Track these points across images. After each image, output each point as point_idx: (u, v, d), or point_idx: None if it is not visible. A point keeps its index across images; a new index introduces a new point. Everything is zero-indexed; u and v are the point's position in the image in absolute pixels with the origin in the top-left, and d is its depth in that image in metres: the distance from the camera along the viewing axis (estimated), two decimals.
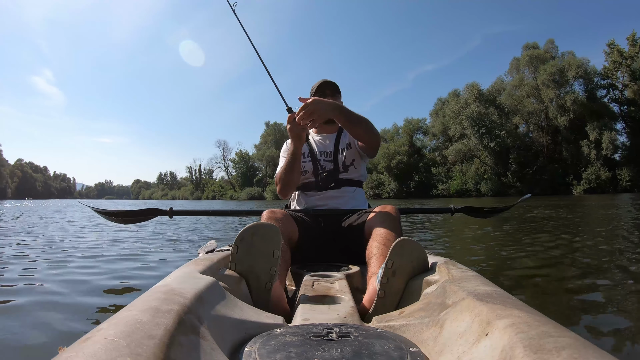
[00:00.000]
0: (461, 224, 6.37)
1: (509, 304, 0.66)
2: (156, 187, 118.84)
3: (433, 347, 0.71)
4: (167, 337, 0.52)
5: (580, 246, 3.53)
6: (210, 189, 73.40)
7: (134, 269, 2.52)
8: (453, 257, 2.92)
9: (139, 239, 4.13)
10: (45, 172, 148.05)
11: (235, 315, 0.77)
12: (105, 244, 3.67)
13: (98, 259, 2.86)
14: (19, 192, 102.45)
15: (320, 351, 0.64)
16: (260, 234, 1.01)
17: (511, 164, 36.63)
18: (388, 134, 48.21)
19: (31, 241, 3.88)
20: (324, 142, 1.89)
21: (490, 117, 36.41)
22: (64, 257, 2.89)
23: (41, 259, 2.80)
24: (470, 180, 37.69)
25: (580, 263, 2.73)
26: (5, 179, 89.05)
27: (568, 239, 4.06)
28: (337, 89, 1.88)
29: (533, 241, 3.99)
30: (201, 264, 1.01)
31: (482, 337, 0.60)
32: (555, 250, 3.38)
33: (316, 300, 1.03)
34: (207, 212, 2.33)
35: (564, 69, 34.55)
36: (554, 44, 37.68)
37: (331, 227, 1.67)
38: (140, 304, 0.61)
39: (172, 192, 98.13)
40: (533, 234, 4.66)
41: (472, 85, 38.35)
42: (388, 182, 43.51)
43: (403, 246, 1.03)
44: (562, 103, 34.66)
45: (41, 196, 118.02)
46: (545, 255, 3.11)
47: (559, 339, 0.50)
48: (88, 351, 0.45)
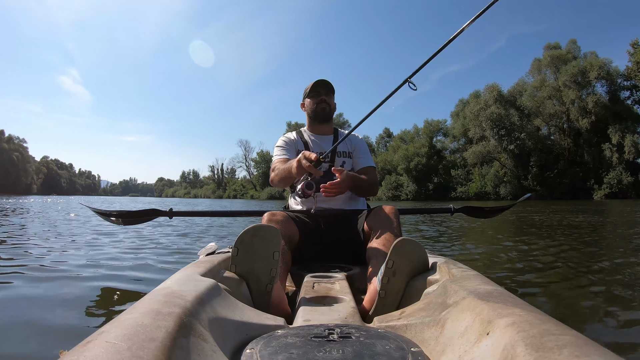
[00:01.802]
0: (461, 224, 6.38)
1: (510, 303, 0.66)
2: (179, 186, 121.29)
3: (434, 346, 0.71)
4: (169, 340, 0.52)
5: (584, 248, 3.53)
6: (231, 188, 74.09)
7: (134, 272, 2.52)
8: (453, 256, 2.93)
9: (139, 240, 4.12)
10: (71, 169, 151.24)
11: (236, 317, 0.77)
12: (105, 246, 3.66)
13: (98, 261, 2.85)
14: (44, 188, 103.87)
15: (322, 352, 0.64)
16: (260, 235, 1.01)
17: (532, 167, 35.51)
18: (408, 135, 47.76)
19: (31, 241, 3.87)
20: (320, 143, 1.90)
21: (510, 119, 35.32)
22: (64, 259, 2.88)
23: (41, 260, 2.79)
24: (490, 183, 36.84)
25: (581, 263, 2.73)
26: (31, 176, 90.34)
27: (572, 241, 4.07)
28: (331, 88, 1.89)
29: (534, 242, 3.99)
30: (202, 266, 1.01)
31: (483, 336, 0.60)
32: (557, 250, 3.38)
33: (317, 301, 1.03)
34: (206, 212, 2.33)
35: (585, 69, 33.15)
36: (576, 44, 36.38)
37: (331, 228, 1.67)
38: (142, 307, 0.61)
39: (194, 191, 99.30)
40: (535, 236, 4.67)
41: (492, 87, 37.14)
42: (407, 183, 42.80)
43: (403, 246, 1.03)
44: (584, 105, 33.50)
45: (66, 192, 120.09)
46: (546, 256, 3.12)
47: (560, 337, 0.50)
48: (89, 354, 0.45)
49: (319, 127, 1.92)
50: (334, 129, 1.97)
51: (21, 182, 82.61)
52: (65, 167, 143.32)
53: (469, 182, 39.56)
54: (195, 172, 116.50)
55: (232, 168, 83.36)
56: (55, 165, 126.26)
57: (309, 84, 1.89)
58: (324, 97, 1.85)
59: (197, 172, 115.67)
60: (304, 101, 1.92)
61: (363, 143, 1.97)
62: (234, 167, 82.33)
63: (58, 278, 2.30)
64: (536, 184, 34.69)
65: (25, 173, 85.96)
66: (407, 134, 48.37)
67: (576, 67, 33.47)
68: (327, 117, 1.89)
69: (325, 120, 1.89)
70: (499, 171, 37.53)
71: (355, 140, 1.95)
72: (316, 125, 1.91)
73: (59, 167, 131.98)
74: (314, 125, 1.92)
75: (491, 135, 36.04)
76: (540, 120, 36.92)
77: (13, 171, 79.10)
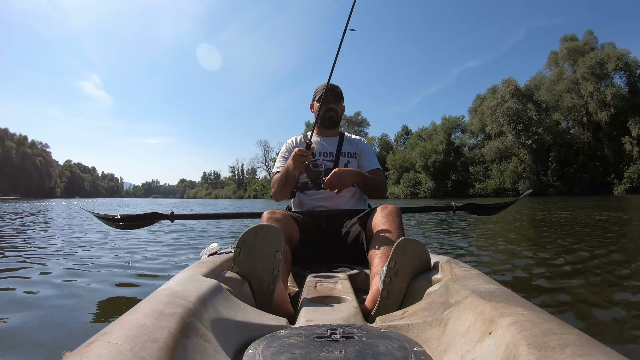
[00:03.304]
0: (463, 222, 6.36)
1: (512, 302, 0.66)
2: (200, 187, 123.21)
3: (437, 346, 0.71)
4: (171, 341, 0.52)
5: (592, 246, 3.52)
6: (252, 188, 74.67)
7: (137, 273, 2.53)
8: (455, 256, 2.93)
9: (141, 242, 4.13)
10: (94, 172, 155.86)
11: (239, 318, 0.77)
12: (107, 248, 3.68)
13: (100, 262, 2.87)
14: (67, 191, 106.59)
15: (324, 352, 0.64)
16: (261, 235, 1.01)
17: (551, 162, 34.54)
18: (426, 133, 47.32)
19: (31, 243, 3.89)
20: (325, 144, 1.92)
21: (528, 114, 34.28)
22: (65, 261, 2.89)
23: (42, 262, 2.80)
24: (508, 179, 36.09)
25: (587, 262, 2.72)
26: (54, 179, 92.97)
27: (580, 239, 4.06)
28: (341, 95, 1.93)
29: (540, 240, 3.98)
30: (204, 266, 1.01)
31: (485, 335, 0.60)
32: (563, 249, 3.37)
33: (319, 301, 1.03)
34: (207, 215, 2.38)
35: (603, 61, 32.11)
36: (593, 35, 35.04)
37: (332, 228, 1.67)
38: (144, 308, 0.62)
39: (215, 192, 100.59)
40: (541, 234, 4.65)
41: (508, 81, 36.16)
42: (425, 181, 42.52)
43: (405, 246, 1.02)
44: (603, 97, 32.38)
45: (89, 195, 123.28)
46: (551, 254, 3.11)
47: (563, 336, 0.50)
48: (92, 355, 0.45)
49: (325, 130, 1.98)
50: (339, 132, 2.02)
51: (44, 186, 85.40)
52: (88, 170, 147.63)
53: (488, 179, 38.86)
54: (216, 173, 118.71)
55: (252, 168, 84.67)
56: (78, 169, 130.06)
57: (320, 87, 1.92)
58: (333, 106, 1.90)
59: (218, 173, 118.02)
60: (313, 102, 1.96)
61: (368, 146, 2.02)
62: (254, 167, 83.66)
63: (60, 280, 2.31)
64: (555, 180, 33.92)
65: (49, 177, 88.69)
66: (424, 131, 47.97)
67: (594, 59, 32.40)
68: (334, 125, 1.95)
69: (331, 127, 1.95)
70: (517, 167, 36.61)
71: (361, 144, 2.00)
72: (323, 129, 1.97)
73: (82, 170, 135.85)
74: (321, 129, 1.97)
75: (508, 130, 35.22)
76: (559, 114, 35.89)
77: (36, 175, 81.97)
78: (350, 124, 58.15)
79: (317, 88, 1.96)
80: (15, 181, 75.06)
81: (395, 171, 45.92)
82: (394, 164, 46.08)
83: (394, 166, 46.07)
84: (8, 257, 3.14)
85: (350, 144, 1.97)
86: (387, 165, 46.11)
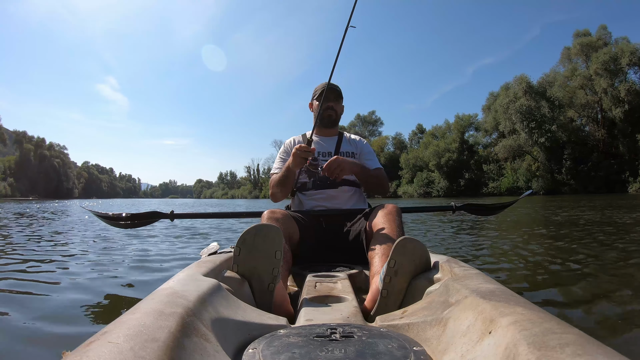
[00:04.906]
0: (464, 222, 6.37)
1: (512, 302, 0.66)
2: (217, 187, 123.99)
3: (437, 345, 0.71)
4: (171, 340, 0.52)
5: (595, 246, 3.51)
6: (267, 188, 74.22)
7: (136, 272, 2.53)
8: (455, 255, 2.92)
9: (141, 241, 4.13)
10: (111, 173, 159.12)
11: (239, 317, 0.77)
12: (106, 247, 3.68)
13: (100, 262, 2.87)
14: (86, 192, 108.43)
15: (324, 352, 0.64)
16: (261, 235, 1.01)
17: (565, 160, 33.51)
18: (439, 131, 46.76)
19: (31, 243, 3.89)
20: (324, 144, 1.93)
21: (541, 111, 33.52)
22: (65, 261, 2.89)
23: (42, 262, 2.80)
24: (522, 177, 35.40)
25: (588, 262, 2.72)
26: (72, 180, 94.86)
27: (583, 239, 4.06)
28: (340, 94, 1.93)
29: (542, 240, 3.98)
30: (204, 266, 1.01)
31: (485, 334, 0.60)
32: (564, 249, 3.37)
33: (319, 301, 1.03)
34: (207, 214, 2.38)
35: (617, 56, 31.21)
36: (607, 30, 34.08)
37: (332, 228, 1.67)
38: (144, 307, 0.62)
39: (231, 192, 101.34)
40: (543, 234, 4.65)
41: (520, 78, 35.31)
42: (438, 180, 42.00)
43: (405, 245, 1.02)
44: (617, 93, 31.48)
45: (107, 196, 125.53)
46: (552, 254, 3.11)
47: (563, 336, 0.50)
48: (92, 355, 0.45)
49: (324, 130, 1.97)
50: (338, 132, 2.02)
51: (63, 187, 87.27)
52: (106, 171, 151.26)
53: (501, 177, 38.20)
54: (232, 173, 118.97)
55: (268, 168, 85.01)
56: (96, 170, 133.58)
57: (319, 86, 1.92)
58: (332, 104, 1.89)
59: (235, 173, 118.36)
60: (313, 101, 1.96)
61: (368, 146, 2.02)
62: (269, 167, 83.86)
63: (61, 279, 2.31)
64: (570, 178, 33.19)
65: (67, 178, 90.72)
66: (438, 129, 47.42)
67: (607, 54, 31.63)
68: (333, 123, 1.95)
69: (330, 126, 1.95)
70: (531, 165, 35.88)
71: (360, 143, 2.00)
72: (322, 128, 1.96)
73: (100, 171, 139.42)
74: (320, 128, 1.96)
75: (521, 128, 34.39)
76: (573, 111, 35.01)
77: (55, 177, 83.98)
78: (365, 123, 57.59)
79: (316, 87, 1.96)
80: (35, 183, 76.58)
81: (408, 170, 45.48)
82: (407, 163, 45.54)
83: (407, 165, 45.55)
84: (8, 257, 3.14)
85: (349, 143, 1.97)
86: (401, 165, 45.68)
